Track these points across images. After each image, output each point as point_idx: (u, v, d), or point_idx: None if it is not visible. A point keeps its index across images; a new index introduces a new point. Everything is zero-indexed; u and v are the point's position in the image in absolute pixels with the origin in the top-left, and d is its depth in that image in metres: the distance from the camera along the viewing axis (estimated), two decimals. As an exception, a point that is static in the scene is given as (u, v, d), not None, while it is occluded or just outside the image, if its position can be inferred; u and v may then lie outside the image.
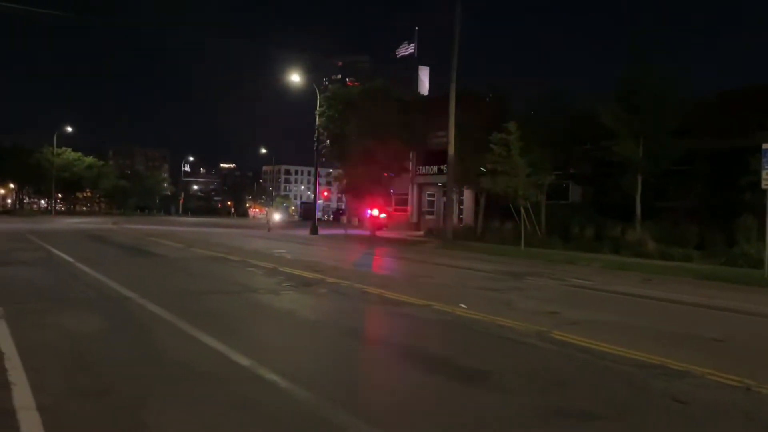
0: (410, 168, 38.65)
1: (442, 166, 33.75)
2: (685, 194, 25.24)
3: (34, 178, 75.98)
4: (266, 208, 52.42)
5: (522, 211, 24.53)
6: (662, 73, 21.55)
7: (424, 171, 39.28)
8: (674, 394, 5.27)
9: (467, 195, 36.00)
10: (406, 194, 41.61)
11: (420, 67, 40.31)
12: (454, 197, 31.08)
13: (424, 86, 40.71)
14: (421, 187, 41.03)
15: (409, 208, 42.08)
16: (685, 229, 21.81)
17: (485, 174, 26.51)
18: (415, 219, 40.97)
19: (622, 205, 23.81)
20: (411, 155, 36.51)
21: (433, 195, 41.30)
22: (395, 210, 42.83)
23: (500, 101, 29.80)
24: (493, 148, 23.98)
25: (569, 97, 26.26)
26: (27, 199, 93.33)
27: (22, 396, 4.68)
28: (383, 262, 18.44)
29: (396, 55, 38.36)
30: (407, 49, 39.05)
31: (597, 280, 14.49)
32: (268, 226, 43.18)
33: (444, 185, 32.21)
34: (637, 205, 22.76)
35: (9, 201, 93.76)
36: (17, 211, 73.60)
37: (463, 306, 9.43)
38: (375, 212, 40.29)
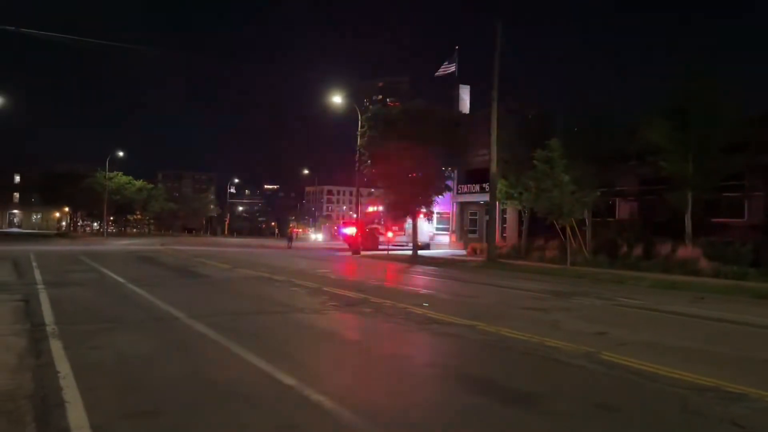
0: (452, 186, 38.53)
1: (484, 184, 33.56)
2: (738, 211, 24.44)
3: (88, 202, 78.54)
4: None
5: (567, 229, 24.13)
6: (715, 89, 20.99)
7: (466, 189, 39.10)
8: (732, 418, 5.07)
9: (510, 213, 35.63)
10: (449, 213, 41.42)
11: (461, 85, 40.15)
12: (497, 215, 30.83)
13: (465, 105, 40.40)
14: (463, 206, 40.82)
15: (451, 226, 41.86)
16: (740, 247, 21.05)
17: (529, 191, 26.23)
18: (457, 238, 40.73)
19: (672, 223, 23.18)
20: (453, 173, 36.41)
21: (475, 213, 41.02)
22: (437, 230, 42.64)
23: (543, 117, 29.55)
24: (536, 165, 23.74)
25: (615, 112, 25.82)
26: (80, 221, 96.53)
27: (77, 415, 4.82)
28: (427, 282, 18.35)
29: (440, 74, 38.20)
30: (448, 69, 38.95)
31: (646, 299, 14.10)
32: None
33: (486, 203, 31.99)
34: (687, 222, 22.14)
35: (64, 224, 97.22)
36: (71, 233, 76.16)
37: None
38: (350, 231, 40.04)
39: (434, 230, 41.33)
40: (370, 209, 43.93)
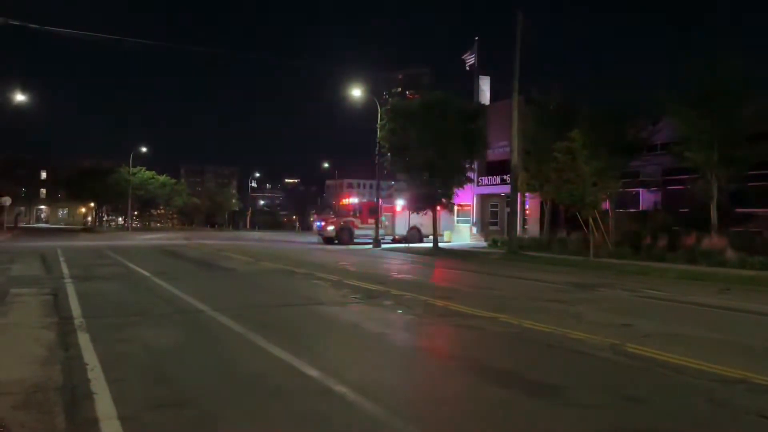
0: (473, 178, 38.30)
1: (505, 176, 33.36)
2: (765, 200, 23.98)
3: (112, 197, 79.62)
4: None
5: (590, 220, 23.88)
6: (738, 74, 20.55)
7: (486, 181, 38.88)
8: (759, 410, 5.01)
9: (532, 204, 35.38)
10: (469, 205, 41.24)
11: (480, 76, 39.62)
12: (518, 207, 30.63)
13: (485, 96, 39.85)
14: (483, 198, 40.62)
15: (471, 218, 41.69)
16: (767, 237, 20.67)
17: (550, 183, 25.99)
18: (478, 230, 40.56)
19: (697, 213, 22.84)
20: (473, 165, 36.24)
21: (496, 205, 40.79)
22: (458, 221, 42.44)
23: (565, 107, 29.21)
24: (557, 156, 23.50)
25: (638, 101, 25.40)
26: (106, 216, 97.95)
27: (105, 406, 4.90)
28: (447, 274, 18.33)
29: (463, 63, 37.72)
30: (469, 59, 38.45)
31: (671, 290, 13.93)
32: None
33: (507, 195, 31.80)
34: (712, 212, 21.78)
35: (89, 219, 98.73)
36: (96, 228, 77.33)
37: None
38: (323, 224, 38.60)
39: (455, 221, 41.10)
40: (345, 201, 42.36)
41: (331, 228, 37.60)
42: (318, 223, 41.12)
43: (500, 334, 8.39)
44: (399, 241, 37.34)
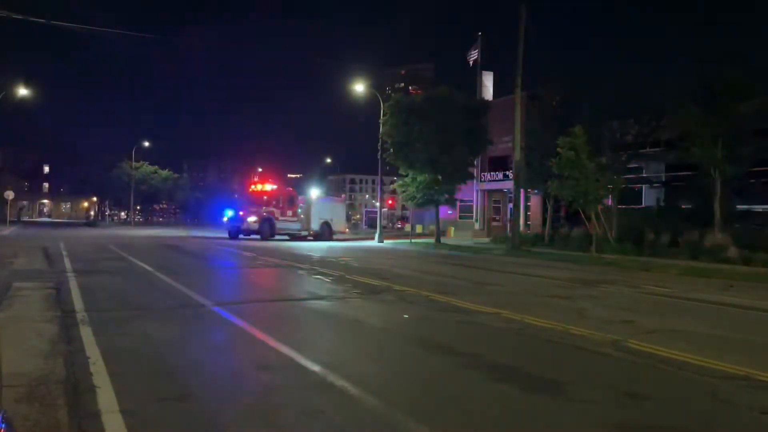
0: (475, 174, 38.25)
1: (507, 172, 33.37)
2: (768, 196, 23.94)
3: (115, 191, 79.83)
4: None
5: (592, 216, 23.86)
6: (740, 70, 20.51)
7: (489, 177, 38.88)
8: (762, 407, 5.00)
9: (534, 200, 35.37)
10: (472, 200, 41.24)
11: (484, 72, 39.50)
12: (521, 203, 30.62)
13: (488, 91, 39.79)
14: (486, 193, 40.60)
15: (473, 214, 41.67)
16: (771, 233, 20.63)
17: (553, 179, 25.99)
18: (480, 225, 40.56)
19: (700, 209, 22.79)
20: (476, 161, 36.20)
21: (498, 201, 40.81)
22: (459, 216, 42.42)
23: (568, 103, 29.17)
24: (560, 152, 23.46)
25: (642, 97, 25.35)
26: (108, 211, 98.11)
27: (107, 399, 4.90)
28: (449, 270, 18.31)
29: (468, 58, 37.52)
30: (472, 55, 38.29)
31: (674, 287, 13.91)
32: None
33: (510, 191, 31.79)
34: (716, 208, 21.74)
35: (92, 213, 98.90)
36: (99, 222, 77.41)
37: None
38: (240, 214, 33.07)
39: (459, 215, 41.01)
40: (258, 188, 35.99)
41: (253, 219, 32.76)
42: (230, 215, 33.95)
43: (502, 329, 8.38)
44: (315, 237, 34.47)
